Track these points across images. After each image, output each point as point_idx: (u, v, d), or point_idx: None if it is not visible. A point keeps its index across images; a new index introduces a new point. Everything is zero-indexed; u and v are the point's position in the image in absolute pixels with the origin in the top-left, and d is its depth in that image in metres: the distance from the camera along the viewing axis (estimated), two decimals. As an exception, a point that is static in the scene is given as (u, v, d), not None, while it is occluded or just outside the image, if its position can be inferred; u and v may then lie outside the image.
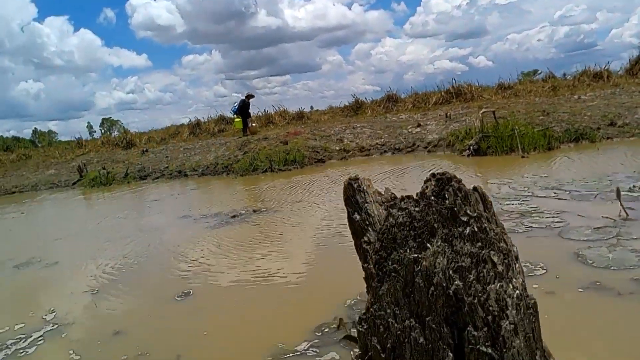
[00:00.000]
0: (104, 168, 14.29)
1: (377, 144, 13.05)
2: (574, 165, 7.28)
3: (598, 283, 2.88)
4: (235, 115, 15.87)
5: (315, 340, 2.53)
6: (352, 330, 2.55)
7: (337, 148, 12.92)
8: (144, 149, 16.64)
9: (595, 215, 4.36)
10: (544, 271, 3.17)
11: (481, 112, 10.63)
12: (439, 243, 1.16)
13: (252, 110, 16.74)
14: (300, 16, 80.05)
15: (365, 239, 1.52)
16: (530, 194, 5.58)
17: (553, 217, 4.46)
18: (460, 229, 1.17)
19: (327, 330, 2.65)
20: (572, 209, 4.66)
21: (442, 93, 18.70)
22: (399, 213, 1.28)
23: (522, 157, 8.73)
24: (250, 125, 15.75)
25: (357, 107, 20.45)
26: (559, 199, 5.17)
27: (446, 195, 1.24)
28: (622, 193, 4.86)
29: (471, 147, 9.85)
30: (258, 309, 3.16)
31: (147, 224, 6.85)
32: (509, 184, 6.31)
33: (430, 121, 14.41)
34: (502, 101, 16.65)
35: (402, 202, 1.33)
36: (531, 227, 4.22)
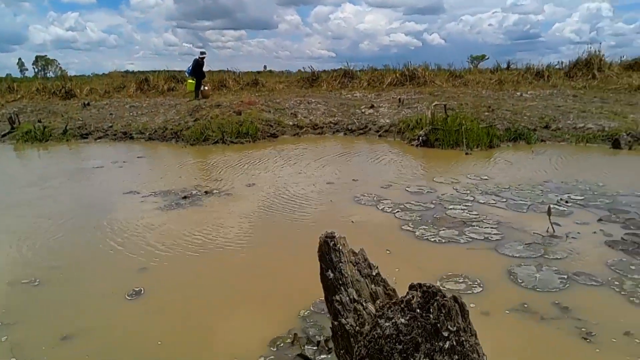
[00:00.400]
0: (39, 121, 13.25)
1: (330, 122, 13.12)
2: (511, 169, 7.80)
3: (525, 305, 3.22)
4: (189, 77, 15.17)
5: (271, 357, 2.65)
6: (305, 347, 2.69)
7: (291, 123, 12.85)
8: (86, 102, 15.60)
9: (527, 228, 4.78)
10: (480, 289, 3.47)
11: (433, 104, 10.97)
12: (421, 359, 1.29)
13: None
14: (261, -31, 76.13)
15: (337, 298, 1.62)
16: (472, 198, 5.96)
17: (491, 227, 4.83)
18: (441, 344, 1.30)
19: (282, 345, 2.77)
20: (508, 220, 5.06)
21: (397, 74, 19.02)
22: (387, 324, 1.39)
23: (466, 153, 9.21)
24: (203, 88, 15.15)
25: (313, 79, 20.33)
26: (497, 207, 5.58)
27: (431, 309, 1.36)
28: (550, 205, 5.35)
29: (420, 138, 10.20)
30: (212, 315, 3.21)
31: (90, 199, 6.55)
32: (453, 185, 6.68)
33: (383, 103, 14.65)
34: (452, 90, 17.23)
35: (390, 311, 1.43)
36: (472, 237, 4.56)
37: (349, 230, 4.94)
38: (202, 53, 15.17)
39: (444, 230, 4.78)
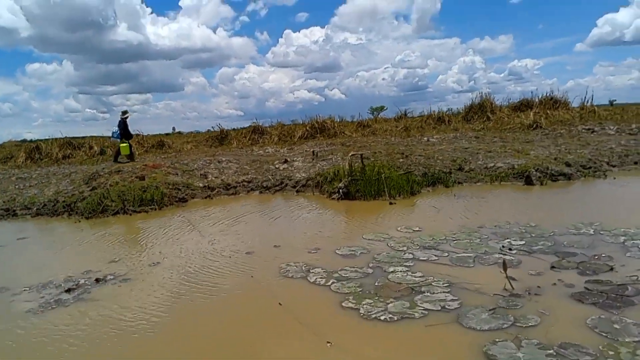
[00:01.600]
0: None
1: (243, 180, 12.13)
2: (440, 216, 7.40)
3: (524, 408, 2.43)
4: (120, 141, 13.57)
5: None
6: None
7: (201, 185, 11.63)
8: (-40, 178, 12.96)
9: (483, 288, 4.14)
10: (461, 390, 2.64)
11: (350, 154, 10.57)
12: None
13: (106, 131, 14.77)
14: (164, 34, 74.83)
15: None
16: (410, 256, 5.29)
17: (444, 291, 4.11)
18: None
19: None
20: (458, 279, 4.40)
21: (307, 127, 18.88)
22: None
23: (390, 203, 8.75)
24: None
25: (222, 137, 19.44)
26: (440, 264, 4.94)
27: None
28: (495, 256, 4.84)
29: (340, 191, 9.62)
30: None
31: None
32: (387, 241, 5.99)
33: (297, 157, 14.11)
34: (362, 139, 17.38)
35: None
36: (426, 309, 3.78)
37: (278, 316, 3.92)
38: (124, 113, 13.82)
39: (392, 302, 3.96)
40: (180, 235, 7.27)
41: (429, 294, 4.09)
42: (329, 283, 4.58)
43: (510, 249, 5.21)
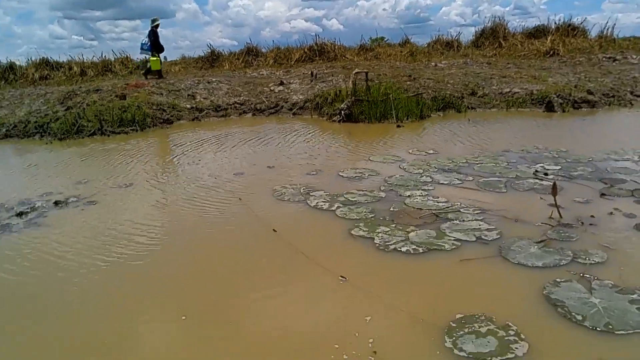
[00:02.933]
0: None
1: (235, 102, 11.08)
2: (456, 139, 6.56)
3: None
4: (151, 54, 12.19)
5: None
6: None
7: (188, 106, 10.58)
8: None
9: (524, 216, 3.39)
10: (525, 346, 1.92)
11: (354, 72, 9.47)
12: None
13: (90, 56, 13.23)
14: (153, -46, 67.46)
15: None
16: (428, 178, 4.50)
17: (476, 219, 3.36)
18: None
19: None
20: (491, 206, 3.64)
21: (305, 50, 17.40)
22: None
23: (398, 126, 7.87)
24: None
25: (213, 59, 17.87)
26: (466, 188, 4.17)
27: None
28: (529, 181, 4.08)
29: (342, 112, 8.68)
30: None
31: None
32: (399, 163, 5.19)
33: (294, 79, 12.93)
34: (365, 63, 16.06)
35: None
36: (458, 239, 3.03)
37: (272, 246, 3.17)
38: (153, 21, 12.27)
39: (413, 231, 3.21)
40: (161, 156, 6.43)
41: (457, 221, 3.34)
42: (334, 207, 3.82)
43: (545, 174, 4.43)
